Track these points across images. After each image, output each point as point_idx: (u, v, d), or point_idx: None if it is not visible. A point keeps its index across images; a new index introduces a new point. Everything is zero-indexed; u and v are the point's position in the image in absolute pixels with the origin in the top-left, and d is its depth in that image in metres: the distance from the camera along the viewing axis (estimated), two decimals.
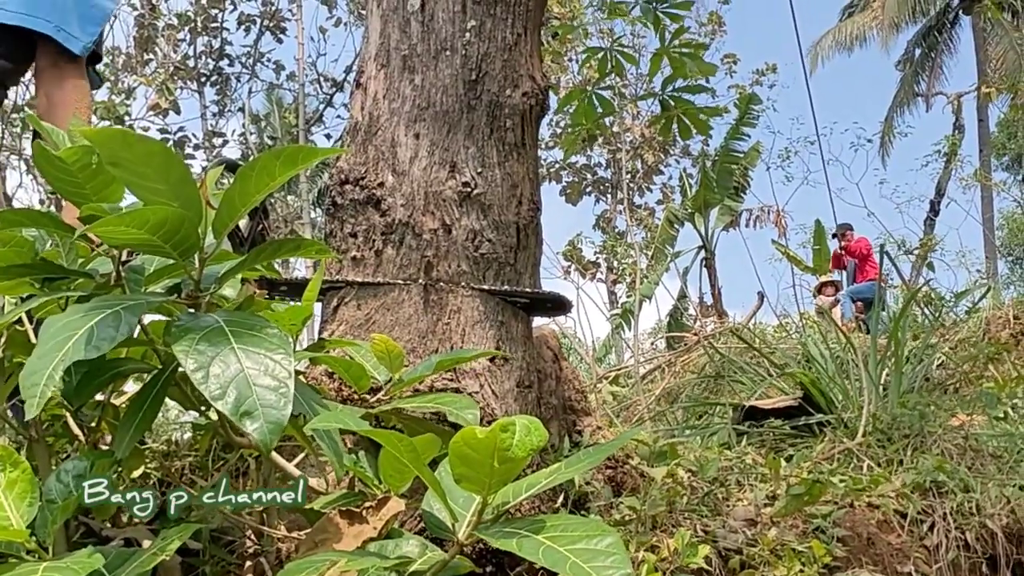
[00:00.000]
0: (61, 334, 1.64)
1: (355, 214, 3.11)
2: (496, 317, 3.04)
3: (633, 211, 23.84)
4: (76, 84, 3.53)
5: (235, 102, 20.57)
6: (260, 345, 1.71)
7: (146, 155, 1.71)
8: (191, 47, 19.56)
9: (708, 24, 24.62)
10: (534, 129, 3.32)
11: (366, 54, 3.37)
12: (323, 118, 20.93)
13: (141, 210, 1.72)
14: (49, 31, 3.47)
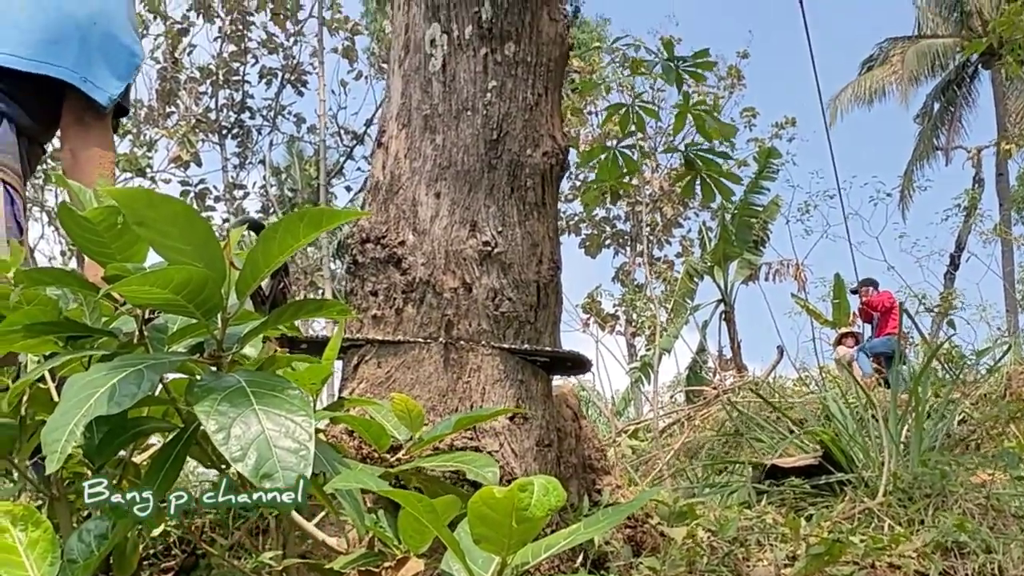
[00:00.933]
0: (83, 391, 1.65)
1: (376, 272, 3.12)
2: (516, 376, 3.04)
3: (652, 264, 23.83)
4: (102, 139, 3.54)
5: (256, 154, 20.70)
6: (281, 406, 1.72)
7: (170, 215, 1.72)
8: (213, 100, 19.70)
9: (728, 78, 24.69)
10: (554, 188, 3.34)
11: (387, 114, 3.39)
12: (343, 171, 21.05)
13: (165, 270, 1.73)
14: (75, 81, 3.46)
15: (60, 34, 3.51)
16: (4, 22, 3.52)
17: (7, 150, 3.42)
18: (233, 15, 18.89)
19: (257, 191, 20.83)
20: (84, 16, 3.57)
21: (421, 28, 3.33)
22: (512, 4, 3.26)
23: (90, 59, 3.52)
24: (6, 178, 3.37)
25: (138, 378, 1.70)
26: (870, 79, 36.43)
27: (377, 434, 2.37)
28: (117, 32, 3.63)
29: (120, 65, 3.59)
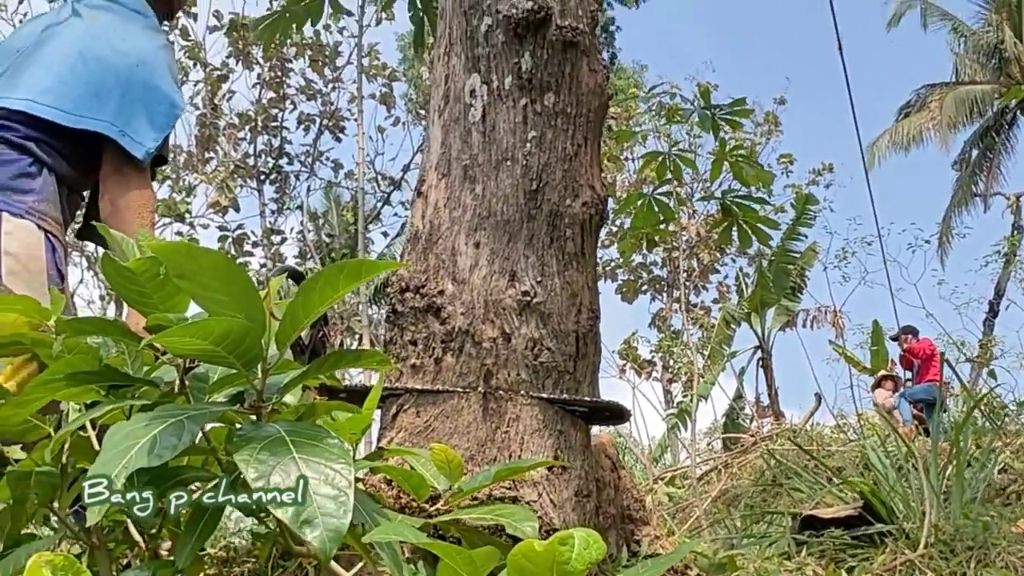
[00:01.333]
0: (125, 442, 1.65)
1: (415, 322, 3.13)
2: (555, 426, 3.04)
3: (689, 310, 23.79)
4: (140, 190, 3.56)
5: (294, 200, 20.85)
6: (321, 455, 1.72)
7: (211, 268, 1.73)
8: (251, 145, 19.88)
9: (765, 124, 24.72)
10: (593, 238, 3.34)
11: (427, 163, 3.40)
12: (380, 216, 21.17)
13: (206, 321, 1.74)
14: (113, 134, 3.50)
15: (100, 87, 3.55)
16: (47, 74, 3.58)
17: (48, 199, 3.45)
18: (272, 62, 19.06)
19: (295, 236, 20.98)
20: (124, 68, 3.62)
21: (461, 79, 3.35)
22: (552, 55, 3.28)
23: (129, 111, 3.56)
24: (47, 227, 3.41)
25: (179, 429, 1.71)
26: (908, 125, 36.32)
27: (416, 484, 2.37)
28: (157, 83, 3.67)
29: (159, 117, 3.62)
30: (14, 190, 3.40)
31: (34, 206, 3.40)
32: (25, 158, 3.46)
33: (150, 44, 3.77)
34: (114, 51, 3.65)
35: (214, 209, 18.39)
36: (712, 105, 6.40)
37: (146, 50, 3.72)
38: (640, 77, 35.58)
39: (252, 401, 1.95)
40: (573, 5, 3.37)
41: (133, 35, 3.76)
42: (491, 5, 3.33)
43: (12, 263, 3.31)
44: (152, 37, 3.81)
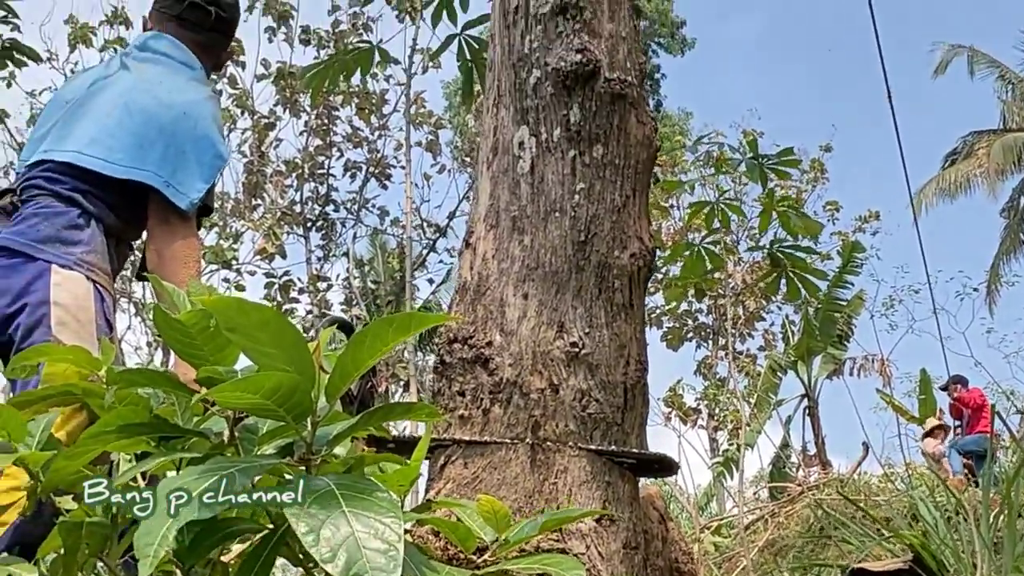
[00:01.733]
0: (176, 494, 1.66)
1: (463, 372, 3.13)
2: (603, 477, 3.03)
3: (735, 358, 23.68)
4: (185, 240, 3.59)
5: (340, 247, 20.90)
6: (370, 508, 1.72)
7: (261, 322, 1.75)
8: (298, 193, 19.97)
9: (811, 171, 24.64)
10: (641, 290, 3.34)
11: (475, 215, 3.42)
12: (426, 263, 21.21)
13: (256, 376, 1.75)
14: (158, 185, 3.53)
15: (145, 138, 3.60)
16: (94, 126, 3.63)
17: (96, 250, 3.49)
18: (319, 109, 19.18)
19: (340, 283, 21.02)
20: (169, 119, 3.66)
21: (510, 130, 3.37)
22: (600, 107, 3.29)
23: (174, 162, 3.60)
24: (96, 278, 3.45)
25: (230, 482, 1.71)
26: (954, 173, 36.11)
27: (463, 536, 2.36)
28: (201, 134, 3.71)
29: (203, 167, 3.66)
30: (63, 242, 3.44)
31: (82, 257, 3.44)
32: (73, 210, 3.50)
33: (196, 95, 3.81)
34: (159, 103, 3.70)
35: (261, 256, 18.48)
36: (760, 154, 6.40)
37: (191, 101, 3.76)
38: (685, 124, 35.63)
39: (302, 453, 1.96)
40: (621, 57, 3.39)
41: (179, 87, 3.81)
42: (540, 58, 3.35)
43: (62, 313, 3.34)
44: (198, 88, 3.86)
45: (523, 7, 3.44)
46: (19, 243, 3.42)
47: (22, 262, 3.40)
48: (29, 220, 3.47)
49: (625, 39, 3.43)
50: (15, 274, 3.39)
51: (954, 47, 36.37)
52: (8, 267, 3.41)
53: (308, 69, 8.19)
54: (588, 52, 3.29)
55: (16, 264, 3.41)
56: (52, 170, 3.56)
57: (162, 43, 3.95)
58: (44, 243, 3.42)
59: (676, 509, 15.04)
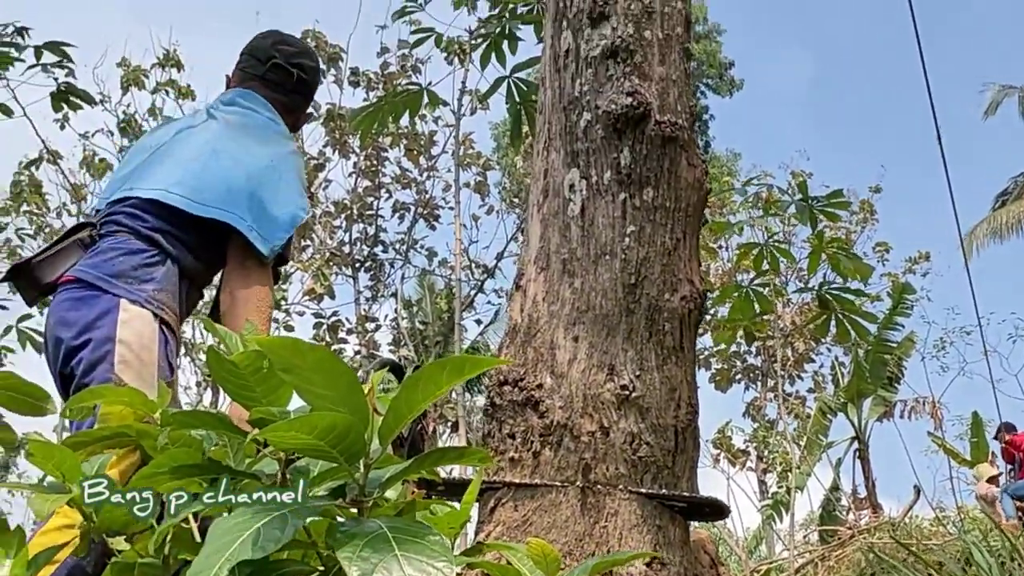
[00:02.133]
0: (228, 535, 1.67)
1: (513, 415, 3.13)
2: (654, 521, 3.01)
3: (784, 399, 23.54)
4: (261, 286, 3.61)
5: (388, 287, 20.97)
6: (422, 552, 1.72)
7: (316, 363, 1.76)
8: (347, 234, 20.06)
9: (860, 212, 24.53)
10: (692, 332, 3.33)
11: (526, 257, 3.42)
12: (474, 304, 21.22)
13: (310, 416, 1.76)
14: (242, 228, 3.56)
15: (232, 182, 3.64)
16: (179, 167, 3.68)
17: (168, 289, 3.52)
18: (368, 151, 19.29)
19: (389, 324, 21.06)
20: (256, 168, 3.71)
21: (560, 173, 3.38)
22: (651, 150, 3.29)
23: (258, 209, 3.63)
24: (164, 316, 3.47)
25: (282, 523, 1.72)
26: (1005, 213, 35.87)
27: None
28: (287, 186, 3.75)
29: (285, 217, 3.69)
30: (136, 278, 3.46)
31: (153, 295, 3.46)
32: (151, 248, 3.53)
33: (282, 148, 3.87)
34: (247, 151, 3.75)
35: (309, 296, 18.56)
36: (809, 196, 6.38)
37: (278, 153, 3.81)
38: (733, 165, 35.54)
39: (354, 496, 1.96)
40: (672, 100, 3.39)
41: (266, 138, 3.87)
42: (590, 101, 3.36)
43: (125, 352, 3.36)
44: (284, 142, 3.92)
45: (574, 51, 3.45)
46: (92, 275, 3.45)
47: (93, 295, 3.42)
48: (105, 254, 3.50)
49: (676, 82, 3.44)
50: (84, 307, 3.42)
51: (1004, 88, 36.24)
52: (79, 299, 3.43)
53: (358, 112, 8.24)
54: (639, 95, 3.29)
55: (87, 297, 3.43)
56: (135, 207, 3.59)
57: (250, 99, 4.00)
58: (117, 278, 3.44)
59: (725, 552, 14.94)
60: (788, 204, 6.76)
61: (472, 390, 21.79)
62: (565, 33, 3.49)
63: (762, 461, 23.85)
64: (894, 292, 22.50)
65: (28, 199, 17.44)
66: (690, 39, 3.58)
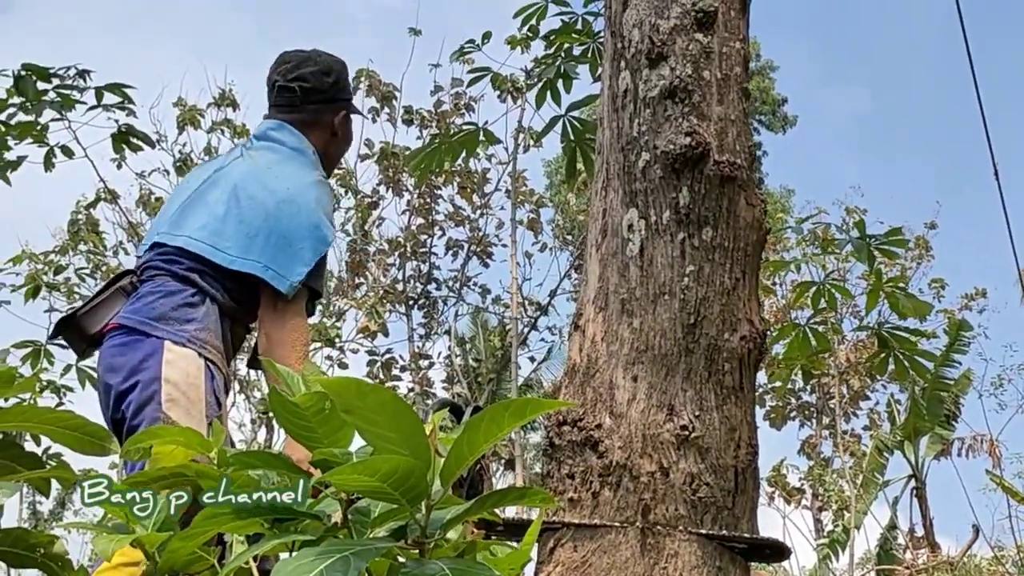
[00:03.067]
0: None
1: (572, 455, 3.13)
2: (714, 562, 3.00)
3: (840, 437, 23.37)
4: (295, 323, 3.64)
5: (441, 325, 21.03)
6: None
7: (379, 404, 1.77)
8: (400, 271, 20.15)
9: (915, 249, 24.40)
10: (752, 372, 3.32)
11: (584, 297, 3.43)
12: (527, 341, 21.23)
13: (374, 459, 1.77)
14: (259, 272, 3.61)
15: (252, 226, 3.68)
16: (205, 213, 3.75)
17: (209, 327, 3.57)
18: (421, 188, 19.39)
19: (442, 361, 21.13)
20: (273, 204, 3.74)
21: (619, 213, 3.38)
22: (710, 190, 3.29)
23: (275, 246, 3.66)
24: (208, 355, 3.52)
25: (345, 566, 1.73)
26: None
27: None
28: (304, 219, 3.76)
29: (305, 251, 3.70)
30: (177, 319, 3.53)
31: (195, 335, 3.52)
32: (188, 288, 3.59)
33: (302, 180, 3.88)
34: (265, 188, 3.78)
35: (363, 334, 18.63)
36: (867, 235, 6.35)
37: (297, 186, 3.83)
38: (787, 202, 35.46)
39: (416, 537, 1.97)
40: (731, 140, 3.39)
41: (287, 172, 3.89)
42: (649, 141, 3.36)
43: (172, 390, 3.42)
44: (305, 173, 3.93)
45: (632, 91, 3.46)
46: (135, 320, 3.53)
47: (137, 340, 3.50)
48: (146, 298, 3.58)
49: (734, 122, 3.43)
50: (130, 351, 3.50)
51: None
52: (124, 344, 3.52)
53: (415, 154, 8.30)
54: (697, 135, 3.29)
55: (131, 342, 3.51)
56: (168, 253, 3.67)
57: (278, 131, 4.04)
58: (159, 320, 3.52)
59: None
60: (845, 242, 6.74)
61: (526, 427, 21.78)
62: (623, 73, 3.50)
63: (817, 499, 23.71)
64: (951, 329, 22.33)
65: (86, 238, 17.65)
66: (748, 79, 3.58)
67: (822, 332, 6.85)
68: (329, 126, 4.16)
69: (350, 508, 2.08)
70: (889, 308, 6.65)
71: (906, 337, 6.53)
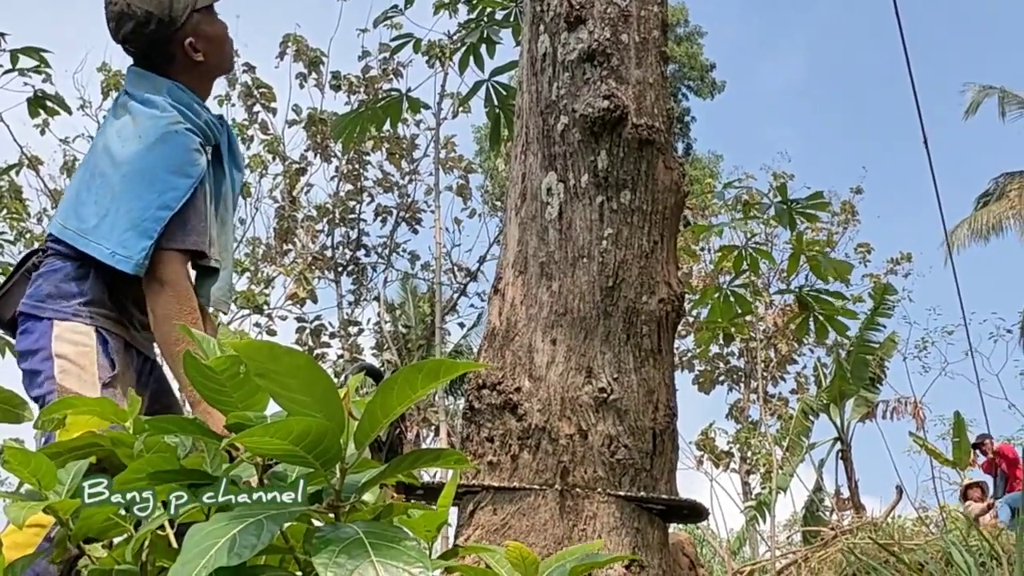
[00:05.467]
0: (204, 542, 1.67)
1: (492, 419, 3.13)
2: (632, 524, 3.02)
3: (767, 401, 23.59)
4: (168, 297, 3.56)
5: (371, 291, 21.00)
6: (399, 558, 1.72)
7: (292, 368, 1.75)
8: (329, 238, 20.07)
9: (841, 214, 24.61)
10: (670, 335, 3.33)
11: (504, 261, 3.42)
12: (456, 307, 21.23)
13: (285, 421, 1.76)
14: (105, 257, 3.55)
15: (101, 206, 3.61)
16: (70, 194, 3.73)
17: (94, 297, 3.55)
18: (350, 155, 19.29)
19: (371, 327, 21.10)
20: (118, 180, 3.64)
21: (538, 177, 3.38)
22: (628, 153, 3.29)
23: (122, 227, 3.57)
24: (98, 322, 3.53)
25: (258, 529, 1.72)
26: (987, 214, 35.95)
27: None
28: (145, 189, 3.63)
29: (146, 224, 3.60)
30: (62, 296, 3.52)
31: (80, 307, 3.50)
32: (70, 263, 3.57)
33: (147, 140, 3.70)
34: (112, 163, 3.66)
35: (292, 301, 18.57)
36: (788, 199, 6.40)
37: (138, 152, 3.67)
38: (715, 167, 35.61)
39: (330, 500, 1.96)
40: (649, 103, 3.40)
41: (132, 135, 3.75)
42: (567, 105, 3.36)
43: (63, 363, 3.44)
44: (151, 130, 3.71)
45: (551, 54, 3.46)
46: (28, 306, 3.55)
47: (32, 324, 3.53)
48: (36, 282, 3.58)
49: (652, 85, 3.44)
50: (27, 337, 3.54)
51: (984, 88, 36.30)
52: (24, 332, 3.57)
53: (340, 120, 8.25)
54: (615, 98, 3.30)
55: (28, 327, 3.54)
56: (51, 237, 3.67)
57: (131, 83, 3.87)
58: (46, 300, 3.52)
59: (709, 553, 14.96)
60: (768, 206, 6.78)
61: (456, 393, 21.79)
62: (542, 37, 3.50)
63: (745, 463, 23.92)
64: (875, 293, 22.57)
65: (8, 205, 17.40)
66: (666, 42, 3.59)
67: (744, 295, 6.90)
68: (184, 53, 3.86)
69: (266, 473, 2.06)
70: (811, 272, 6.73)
71: (825, 299, 6.59)
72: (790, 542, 17.25)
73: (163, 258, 3.57)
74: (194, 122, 3.75)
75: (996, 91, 36.16)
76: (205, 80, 4.00)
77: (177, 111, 3.73)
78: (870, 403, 23.71)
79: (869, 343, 22.51)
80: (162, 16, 3.83)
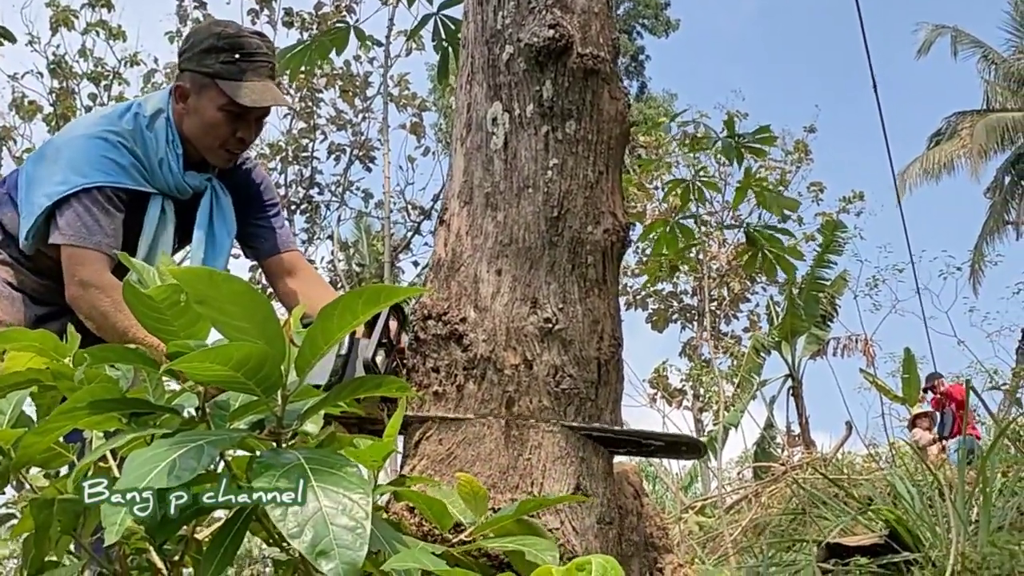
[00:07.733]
0: (144, 466, 1.67)
1: (437, 349, 3.13)
2: (577, 453, 3.03)
3: (719, 339, 23.73)
4: (80, 281, 3.56)
5: (324, 230, 20.88)
6: (339, 484, 1.73)
7: (232, 294, 1.75)
8: (282, 176, 19.92)
9: (795, 152, 24.68)
10: (615, 266, 3.34)
11: (450, 191, 3.42)
12: (411, 246, 21.18)
13: (225, 347, 1.75)
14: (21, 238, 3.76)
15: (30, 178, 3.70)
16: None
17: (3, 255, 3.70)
18: (303, 92, 19.14)
19: (325, 266, 21.00)
20: (30, 162, 3.75)
21: (483, 107, 3.36)
22: (573, 83, 3.28)
23: (26, 206, 3.67)
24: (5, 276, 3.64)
25: (198, 453, 1.72)
26: (938, 153, 36.18)
27: (439, 512, 2.37)
28: (42, 175, 3.67)
29: (32, 207, 3.65)
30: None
31: None
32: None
33: (68, 134, 3.83)
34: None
35: None
36: (737, 134, 6.41)
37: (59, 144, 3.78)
38: (670, 106, 35.59)
39: (272, 428, 1.96)
40: (594, 33, 3.38)
41: (66, 130, 3.89)
42: (512, 34, 3.34)
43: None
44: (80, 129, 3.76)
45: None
46: None
47: None
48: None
49: (598, 15, 3.42)
50: None
51: (937, 27, 36.44)
52: None
53: (286, 51, 8.17)
54: (560, 27, 3.28)
55: None
56: None
57: None
58: None
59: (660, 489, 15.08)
60: (715, 141, 6.80)
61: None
62: None
63: (698, 400, 24.08)
64: (825, 230, 22.71)
65: None
66: None
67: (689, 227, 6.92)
68: (182, 94, 3.90)
69: (209, 402, 2.06)
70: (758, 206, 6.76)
71: (772, 235, 6.62)
72: (741, 478, 17.40)
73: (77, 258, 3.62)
74: (136, 151, 3.76)
75: (949, 30, 36.31)
76: (189, 135, 3.96)
77: (130, 128, 3.76)
78: (821, 340, 23.96)
79: (820, 280, 22.72)
80: (191, 43, 3.89)
